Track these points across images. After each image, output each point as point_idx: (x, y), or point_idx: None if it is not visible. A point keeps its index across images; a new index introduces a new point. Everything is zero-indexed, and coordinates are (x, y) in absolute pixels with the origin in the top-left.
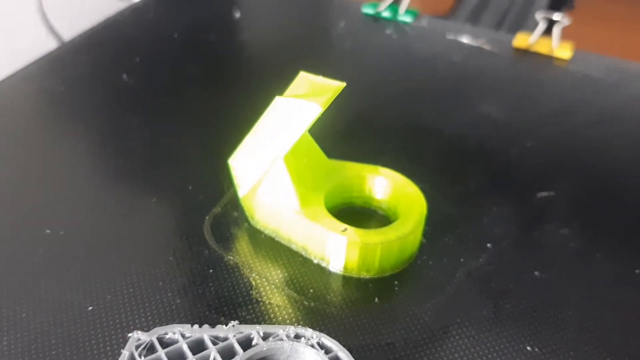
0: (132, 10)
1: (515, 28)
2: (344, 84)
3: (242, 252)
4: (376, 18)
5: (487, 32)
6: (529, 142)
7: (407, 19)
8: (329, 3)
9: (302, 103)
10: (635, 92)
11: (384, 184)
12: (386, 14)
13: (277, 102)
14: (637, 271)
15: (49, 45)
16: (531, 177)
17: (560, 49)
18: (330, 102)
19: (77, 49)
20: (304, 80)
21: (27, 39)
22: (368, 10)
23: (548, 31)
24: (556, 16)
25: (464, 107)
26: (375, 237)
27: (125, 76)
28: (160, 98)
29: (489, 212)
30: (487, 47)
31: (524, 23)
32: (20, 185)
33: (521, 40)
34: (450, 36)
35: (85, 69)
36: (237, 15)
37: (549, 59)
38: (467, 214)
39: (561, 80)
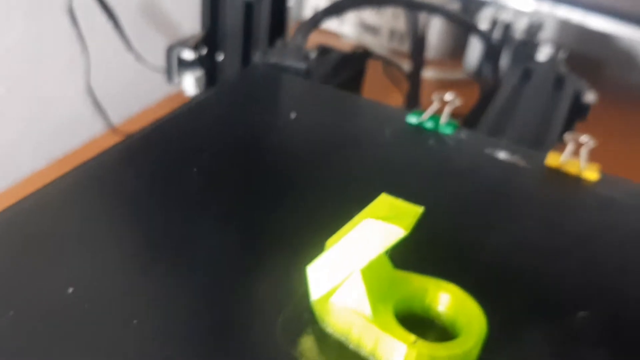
0: (195, 105)
1: (538, 142)
2: (422, 209)
3: (312, 353)
4: (419, 128)
5: (521, 149)
6: (563, 262)
7: (448, 130)
8: (375, 110)
9: (387, 227)
10: None
11: (445, 298)
12: (429, 124)
13: (366, 223)
14: None
15: (96, 126)
16: (568, 297)
17: (588, 170)
18: (412, 226)
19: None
20: (385, 201)
21: (74, 119)
22: (412, 119)
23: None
24: (583, 138)
25: (501, 222)
26: (442, 350)
27: (195, 170)
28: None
29: (534, 329)
30: (521, 163)
31: (545, 137)
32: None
33: (553, 159)
34: (487, 151)
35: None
36: (293, 116)
37: (577, 179)
38: (514, 330)
39: (589, 202)
